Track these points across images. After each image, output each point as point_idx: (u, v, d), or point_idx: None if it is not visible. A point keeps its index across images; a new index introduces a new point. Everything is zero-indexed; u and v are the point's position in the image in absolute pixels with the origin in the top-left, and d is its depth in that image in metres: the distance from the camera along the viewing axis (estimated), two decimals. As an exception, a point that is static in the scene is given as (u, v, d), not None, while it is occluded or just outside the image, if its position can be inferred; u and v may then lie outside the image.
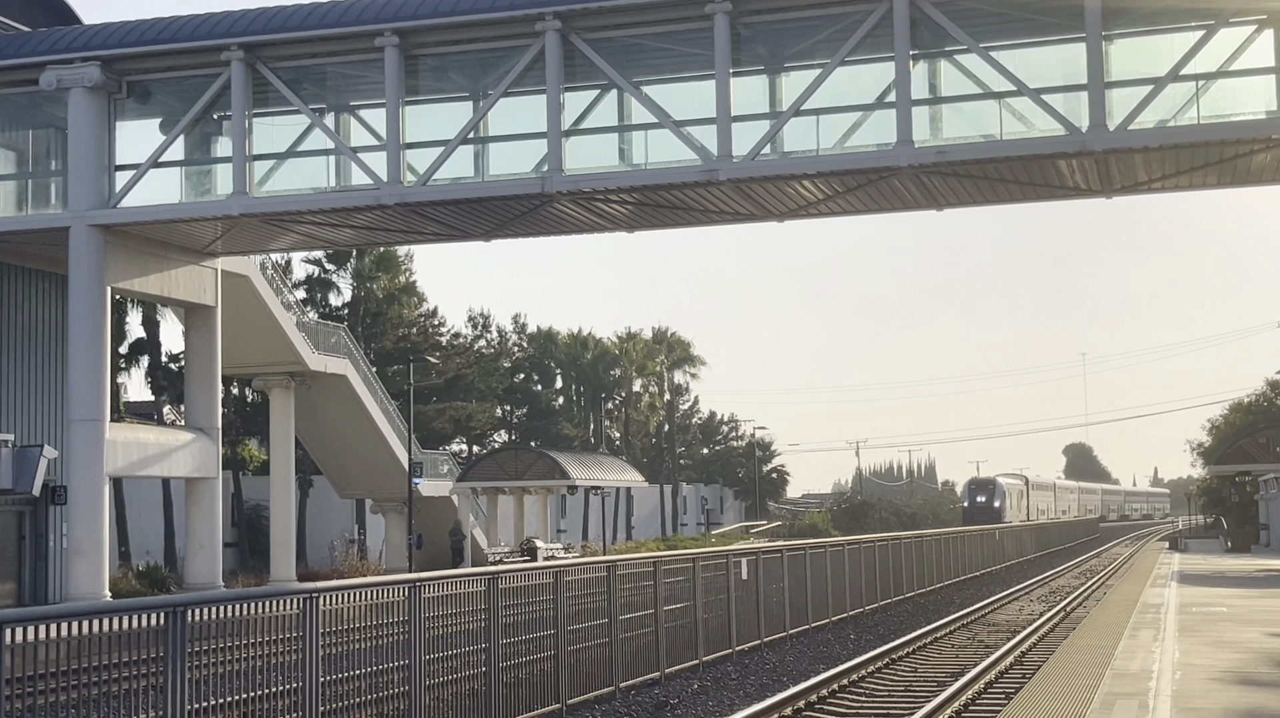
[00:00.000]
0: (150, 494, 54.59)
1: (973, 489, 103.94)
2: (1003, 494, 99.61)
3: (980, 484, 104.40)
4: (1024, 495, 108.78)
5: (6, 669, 9.70)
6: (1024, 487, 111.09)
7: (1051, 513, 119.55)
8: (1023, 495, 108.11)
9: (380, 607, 14.45)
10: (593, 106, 29.72)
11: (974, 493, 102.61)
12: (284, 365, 43.71)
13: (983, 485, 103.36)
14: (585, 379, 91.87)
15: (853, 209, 31.86)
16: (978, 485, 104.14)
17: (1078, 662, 17.36)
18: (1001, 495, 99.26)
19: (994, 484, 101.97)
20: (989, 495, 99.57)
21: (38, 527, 33.79)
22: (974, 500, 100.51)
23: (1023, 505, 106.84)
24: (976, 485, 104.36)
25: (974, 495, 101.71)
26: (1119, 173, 28.89)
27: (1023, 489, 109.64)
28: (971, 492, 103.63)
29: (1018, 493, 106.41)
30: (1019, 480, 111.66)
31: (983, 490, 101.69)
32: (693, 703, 18.85)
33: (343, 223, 32.61)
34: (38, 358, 33.94)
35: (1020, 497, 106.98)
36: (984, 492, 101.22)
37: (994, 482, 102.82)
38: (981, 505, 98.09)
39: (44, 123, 33.32)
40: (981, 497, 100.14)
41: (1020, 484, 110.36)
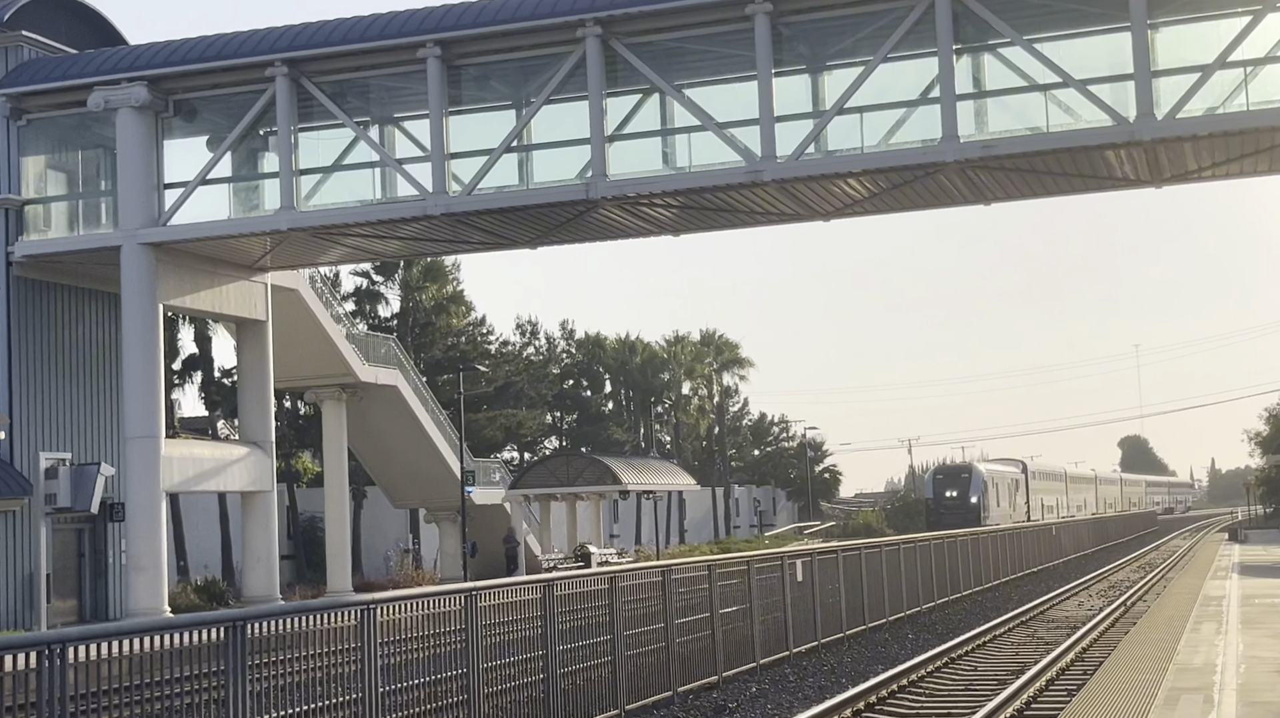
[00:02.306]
0: (206, 509, 55.00)
1: (940, 481, 78.23)
2: (981, 487, 75.78)
3: (950, 474, 78.29)
4: (1019, 488, 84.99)
5: (70, 686, 9.78)
6: (1020, 477, 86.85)
7: (1062, 510, 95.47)
8: (1018, 488, 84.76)
9: (437, 616, 14.48)
10: (635, 111, 29.73)
11: (941, 485, 77.35)
12: (335, 378, 43.93)
13: (953, 476, 77.69)
14: (634, 383, 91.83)
15: (899, 206, 31.70)
16: (946, 476, 78.25)
17: (1140, 657, 17.17)
18: (979, 488, 75.56)
19: (969, 474, 76.92)
20: (962, 489, 75.46)
21: (97, 544, 34.11)
22: (941, 496, 76.12)
23: (1018, 502, 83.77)
24: (945, 476, 78.43)
25: (941, 489, 76.94)
26: (1168, 162, 28.60)
27: (1018, 480, 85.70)
28: (938, 484, 78.10)
29: (1008, 485, 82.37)
30: (1013, 468, 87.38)
31: (953, 482, 76.46)
32: (751, 707, 18.78)
33: (390, 234, 32.76)
34: (93, 377, 34.27)
35: (1013, 490, 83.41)
36: (954, 483, 76.22)
37: (969, 470, 77.89)
38: (952, 503, 74.58)
39: (93, 143, 33.67)
40: (952, 490, 75.53)
41: (1014, 474, 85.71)
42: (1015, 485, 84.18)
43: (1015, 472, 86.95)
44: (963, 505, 73.65)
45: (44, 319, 33.04)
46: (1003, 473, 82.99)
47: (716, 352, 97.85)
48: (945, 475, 78.29)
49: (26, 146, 32.93)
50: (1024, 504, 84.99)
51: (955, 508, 73.33)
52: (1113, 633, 26.41)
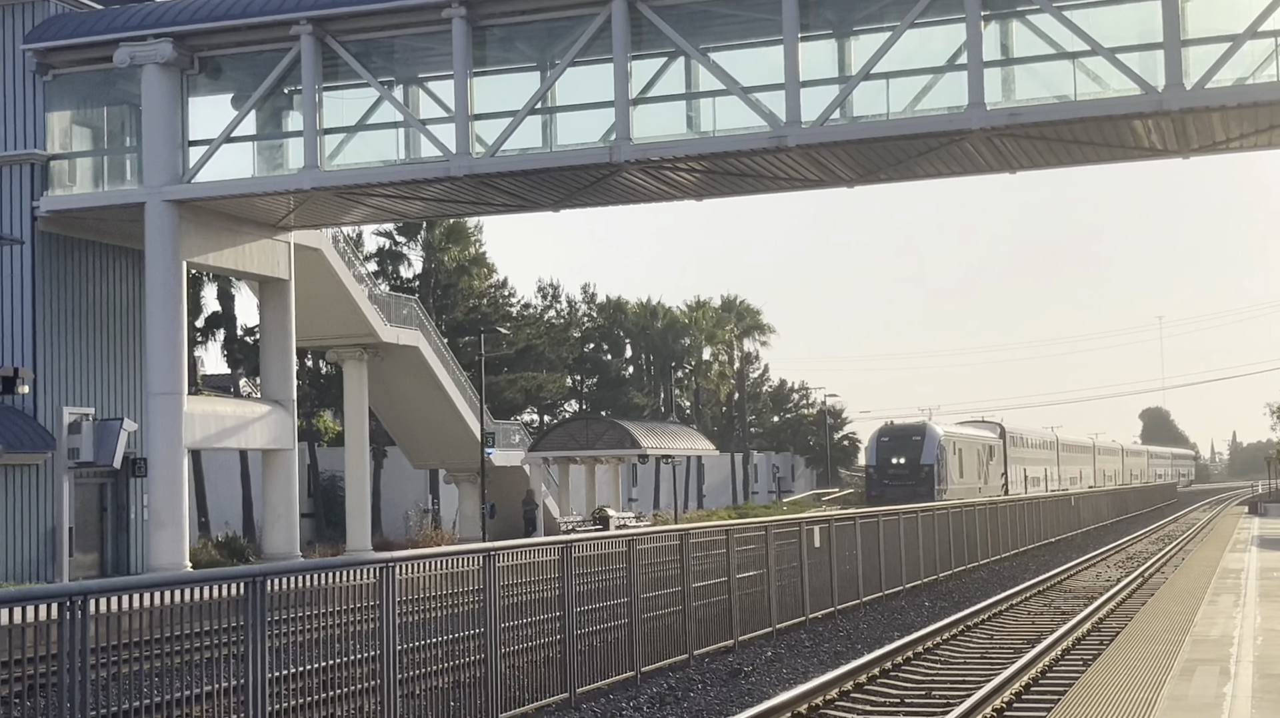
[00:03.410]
0: (228, 466, 55.31)
1: (884, 444, 64.94)
2: (936, 452, 62.98)
3: (897, 437, 64.66)
4: (993, 456, 72.18)
5: (91, 639, 9.87)
6: (995, 442, 73.55)
7: (1052, 483, 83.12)
8: (991, 456, 71.92)
9: (455, 576, 14.56)
10: (660, 74, 29.63)
11: (886, 450, 64.60)
12: (357, 338, 44.05)
13: (901, 439, 64.35)
14: (655, 348, 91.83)
15: (924, 173, 31.57)
16: (893, 438, 64.74)
17: (1157, 628, 17.17)
18: (934, 454, 62.77)
19: (922, 436, 63.63)
20: (911, 455, 62.87)
21: (119, 499, 34.36)
22: (886, 463, 63.80)
23: (992, 472, 71.04)
24: (891, 438, 64.89)
25: (886, 454, 64.32)
26: (1196, 132, 28.40)
27: (991, 446, 72.60)
28: (882, 448, 64.95)
29: (978, 452, 69.84)
30: (985, 432, 73.80)
31: (900, 446, 63.66)
32: (766, 670, 18.86)
33: (413, 195, 32.77)
34: (116, 333, 34.42)
35: (985, 458, 70.53)
36: (902, 447, 63.59)
37: (922, 431, 64.42)
38: (899, 472, 62.65)
39: (118, 100, 33.70)
40: (898, 456, 63.15)
41: (985, 439, 72.32)
42: (988, 452, 70.96)
43: (988, 436, 73.13)
44: (912, 475, 61.06)
45: (68, 275, 33.18)
46: (969, 437, 68.93)
47: (738, 317, 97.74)
48: (891, 438, 63.85)
49: (52, 102, 32.99)
50: (1000, 476, 72.01)
51: (902, 478, 60.66)
52: (1130, 604, 26.42)
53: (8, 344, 31.85)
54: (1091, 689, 12.40)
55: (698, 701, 16.42)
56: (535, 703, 15.44)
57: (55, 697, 9.78)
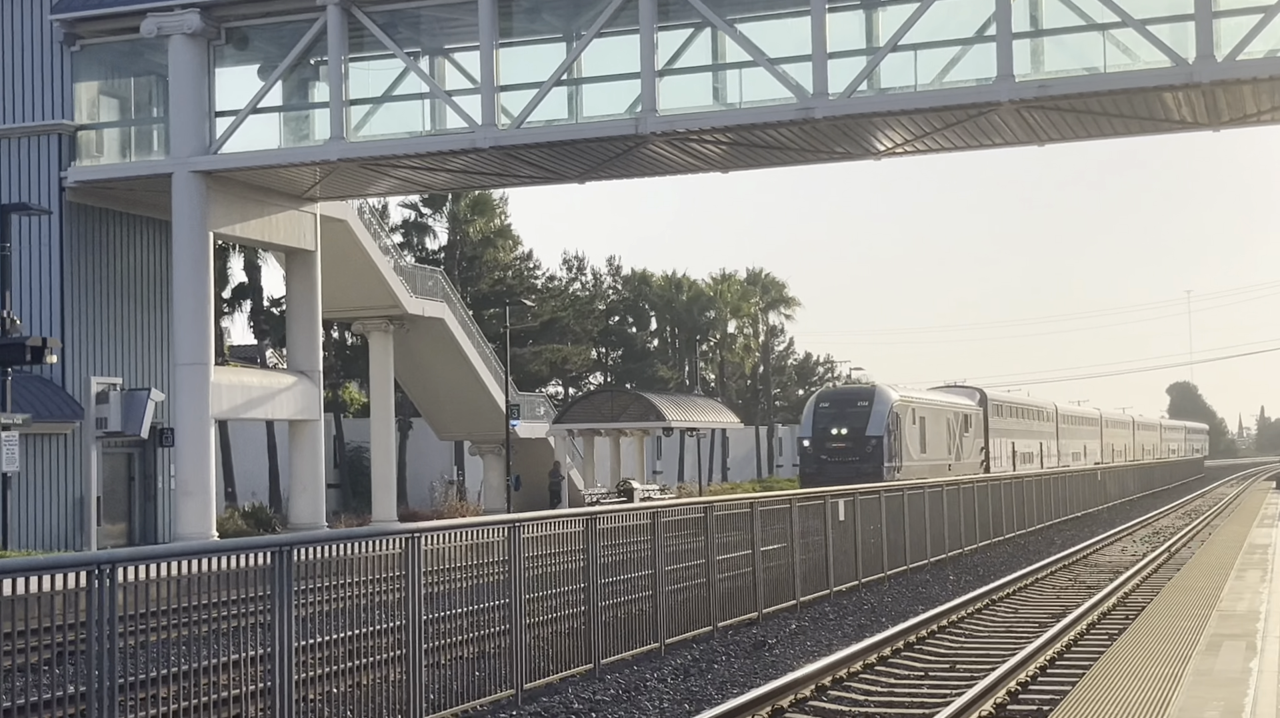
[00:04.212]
0: (255, 436, 55.57)
1: (823, 412, 52.47)
2: (887, 422, 50.98)
3: (840, 402, 52.58)
4: (968, 427, 61.03)
5: (119, 607, 9.93)
6: (973, 411, 62.13)
7: (1049, 459, 73.58)
8: (967, 427, 60.86)
9: (480, 547, 14.60)
10: (686, 46, 29.52)
11: (826, 418, 52.06)
12: (383, 309, 44.13)
13: (844, 404, 52.08)
14: (680, 321, 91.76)
15: (951, 146, 31.40)
16: (834, 404, 52.65)
17: (1182, 603, 17.12)
18: (883, 424, 50.86)
19: (869, 402, 51.60)
20: (855, 425, 50.97)
21: (146, 468, 34.57)
22: (825, 435, 51.56)
23: (968, 446, 59.91)
24: (832, 404, 52.78)
25: (825, 424, 51.89)
26: (1227, 105, 28.17)
27: (967, 415, 61.21)
28: (820, 416, 52.34)
29: (948, 422, 58.52)
30: (961, 399, 62.19)
31: (843, 413, 51.51)
32: (790, 643, 18.88)
33: (438, 166, 32.77)
34: (143, 303, 34.58)
35: (957, 429, 59.41)
36: (845, 416, 51.36)
37: (871, 395, 52.30)
38: (840, 445, 50.72)
39: (145, 70, 33.78)
40: (840, 426, 51.08)
41: (959, 407, 60.60)
42: (961, 423, 59.22)
43: (961, 403, 61.07)
44: (855, 449, 49.26)
45: (96, 245, 33.32)
46: (934, 404, 56.68)
47: (763, 290, 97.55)
48: (832, 404, 51.66)
49: (80, 72, 33.07)
50: (979, 451, 60.76)
51: (843, 453, 49.16)
52: (1156, 579, 26.35)
53: (36, 314, 32.02)
54: (1117, 663, 12.38)
55: (721, 672, 16.46)
56: (560, 674, 15.50)
57: (83, 664, 9.85)
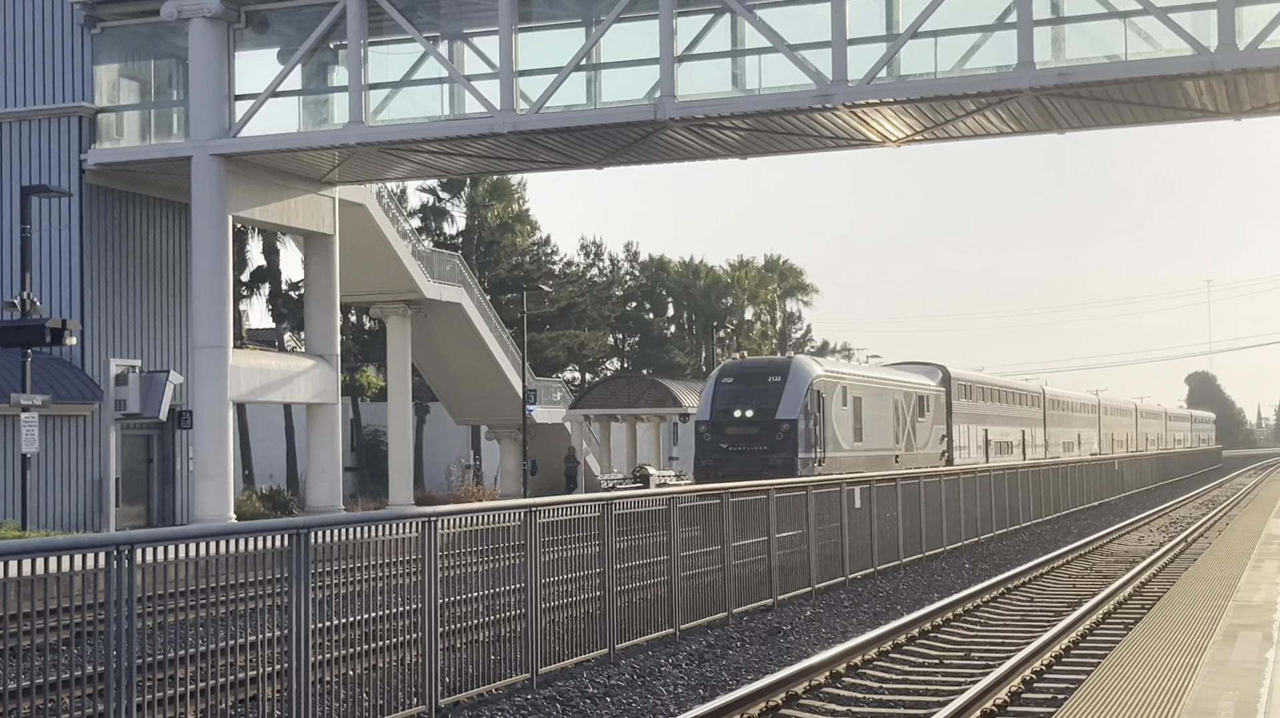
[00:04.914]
0: (272, 419, 55.77)
1: (725, 389, 41.10)
2: (805, 403, 39.92)
3: (745, 379, 41.11)
4: (923, 411, 49.39)
5: (138, 588, 9.98)
6: (931, 392, 50.66)
7: (1034, 450, 64.47)
8: (922, 411, 49.27)
9: (497, 531, 14.63)
10: (706, 31, 29.47)
11: (729, 398, 40.75)
12: (400, 293, 44.22)
13: (751, 381, 40.79)
14: (697, 307, 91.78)
15: (971, 133, 31.31)
16: (739, 380, 41.15)
17: (1199, 593, 17.09)
18: (800, 406, 39.68)
19: (782, 377, 40.44)
20: (764, 406, 39.87)
21: (165, 450, 34.71)
22: (725, 418, 40.32)
23: (915, 434, 48.14)
24: (737, 380, 41.20)
25: (728, 405, 40.53)
26: (1248, 94, 28.03)
27: (923, 397, 49.58)
28: (721, 395, 40.96)
29: (895, 404, 46.69)
30: (916, 378, 50.45)
31: (750, 392, 40.43)
32: (805, 629, 18.89)
33: (457, 151, 32.79)
34: (163, 286, 34.69)
35: (909, 414, 47.75)
36: (751, 395, 40.31)
37: (785, 370, 40.92)
38: (743, 430, 39.81)
39: (165, 53, 33.85)
40: (745, 408, 40.11)
41: (912, 386, 48.91)
42: (915, 406, 48.33)
43: (916, 383, 49.65)
44: (762, 436, 38.86)
45: (115, 227, 33.43)
46: (874, 382, 45.63)
47: (780, 277, 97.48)
48: (737, 379, 40.65)
49: (100, 55, 33.15)
50: (940, 440, 50.95)
51: (748, 441, 38.94)
52: (1172, 568, 26.28)
53: (56, 296, 32.15)
54: (1132, 653, 12.37)
55: (736, 658, 16.49)
56: (575, 658, 15.54)
57: (102, 644, 9.91)
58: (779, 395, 40.14)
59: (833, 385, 42.31)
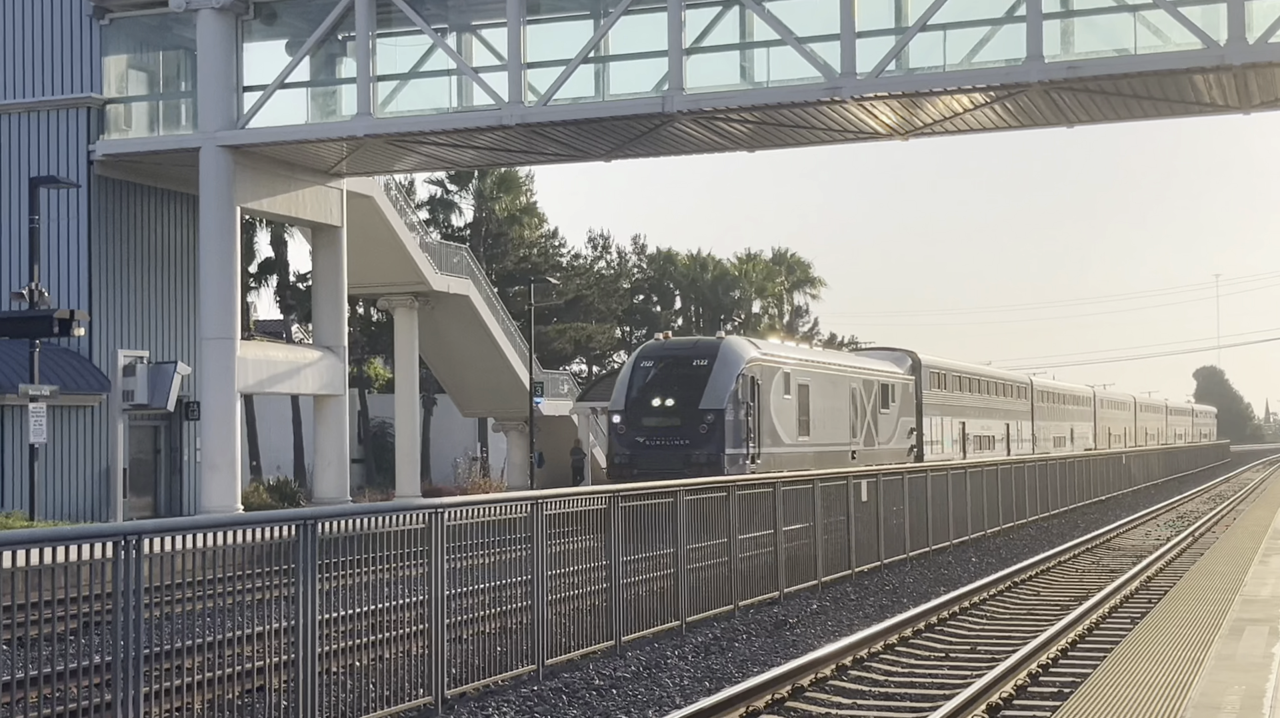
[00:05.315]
0: (280, 411, 55.83)
1: (644, 373, 35.26)
2: (734, 391, 34.11)
3: (668, 362, 35.32)
4: (887, 402, 44.58)
5: (145, 578, 10.01)
6: (898, 381, 46.13)
7: (1020, 446, 60.04)
8: (885, 402, 44.43)
9: (503, 523, 14.65)
10: (714, 24, 29.44)
11: (646, 384, 34.95)
12: (408, 285, 44.24)
13: (675, 365, 35.07)
14: (704, 300, 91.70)
15: (979, 127, 31.26)
16: (661, 365, 35.24)
17: (1206, 587, 17.08)
18: (728, 395, 33.95)
19: (709, 360, 34.54)
20: (688, 393, 34.18)
21: (172, 441, 34.77)
22: (643, 408, 34.59)
23: (878, 427, 43.52)
24: (657, 365, 35.33)
25: (646, 393, 34.81)
26: (1258, 88, 27.96)
27: (887, 385, 44.81)
28: (638, 380, 35.10)
29: (852, 393, 41.89)
30: (878, 364, 45.79)
31: (672, 378, 34.72)
32: (811, 622, 18.91)
33: (465, 143, 32.78)
34: (170, 277, 34.74)
35: (869, 404, 42.86)
36: (673, 381, 34.61)
37: (711, 354, 34.83)
38: (662, 422, 34.07)
39: (174, 44, 33.88)
40: (665, 396, 34.41)
41: (873, 374, 44.15)
42: (878, 396, 43.76)
43: (881, 370, 45.34)
44: (684, 430, 33.62)
45: (123, 218, 33.47)
46: (825, 369, 40.80)
47: (788, 270, 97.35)
48: (657, 363, 35.29)
49: (109, 46, 33.17)
50: (908, 434, 46.51)
51: (667, 434, 33.65)
52: (1179, 563, 26.27)
53: (64, 287, 32.20)
54: (1138, 647, 12.37)
55: (742, 650, 16.50)
56: (581, 650, 15.56)
57: (109, 634, 9.94)
58: (704, 382, 34.57)
59: (772, 371, 36.68)
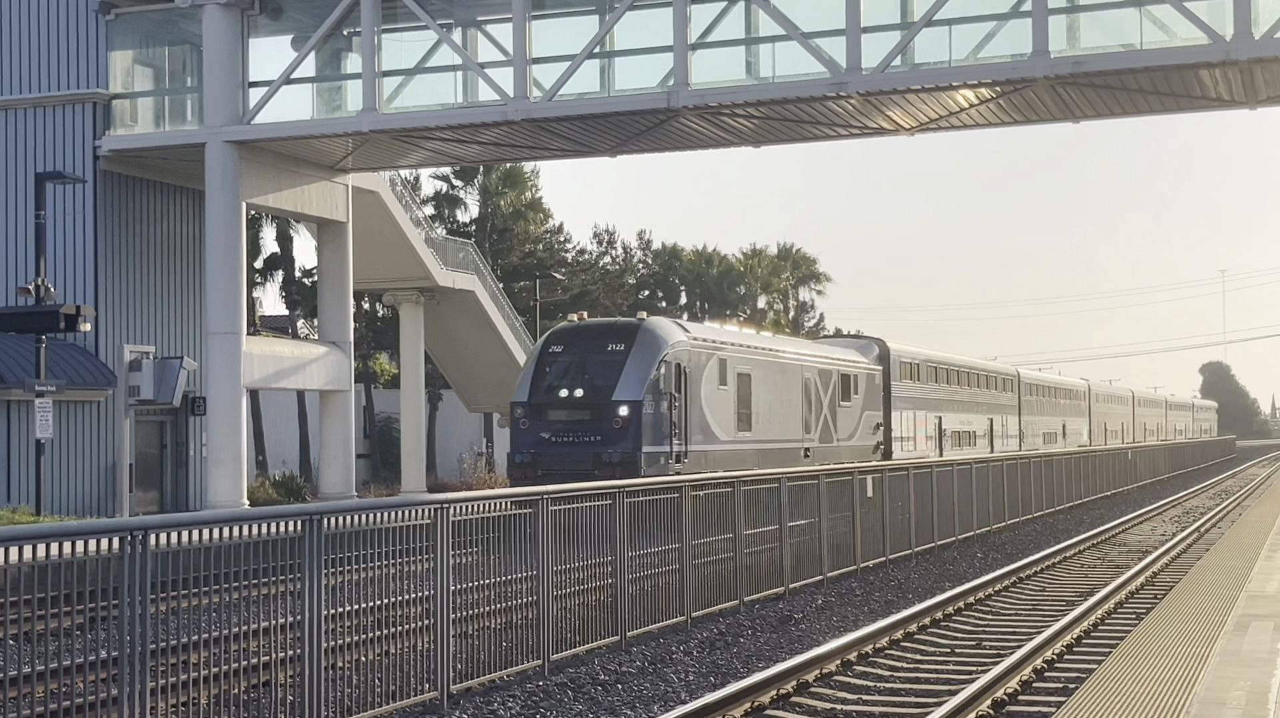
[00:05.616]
0: (286, 406, 55.86)
1: (550, 359, 31.49)
2: (656, 379, 30.25)
3: (579, 346, 31.38)
4: (849, 394, 41.60)
5: (150, 573, 10.02)
6: (863, 372, 43.10)
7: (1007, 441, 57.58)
8: (847, 393, 41.57)
9: (509, 518, 14.67)
10: (720, 19, 29.42)
11: (553, 372, 31.24)
12: (413, 281, 44.24)
13: (586, 351, 31.13)
14: (710, 296, 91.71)
15: (985, 122, 31.23)
16: (572, 350, 31.38)
17: (1211, 583, 17.08)
18: (644, 383, 30.04)
19: (626, 346, 30.55)
20: (599, 383, 30.42)
21: (178, 436, 34.82)
22: (548, 399, 30.87)
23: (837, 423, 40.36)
24: (567, 350, 31.45)
25: (551, 382, 31.15)
26: (1264, 83, 27.92)
27: (850, 376, 41.78)
28: (544, 367, 31.45)
29: (806, 385, 38.34)
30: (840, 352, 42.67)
31: (585, 365, 30.89)
32: (817, 618, 18.92)
33: (470, 139, 32.78)
34: (176, 272, 34.77)
35: (826, 397, 39.68)
36: (586, 369, 30.85)
37: (629, 338, 30.80)
38: (569, 417, 30.49)
39: (179, 40, 33.90)
40: (573, 386, 30.71)
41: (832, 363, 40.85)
42: (837, 386, 40.50)
43: (842, 358, 42.03)
44: (595, 424, 30.21)
45: (129, 213, 33.50)
46: (772, 356, 37.01)
47: (793, 266, 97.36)
48: (568, 348, 31.68)
49: (114, 41, 33.19)
50: (872, 429, 43.30)
51: (575, 430, 30.39)
52: (1184, 559, 26.26)
53: (70, 282, 32.23)
54: (1144, 642, 12.37)
55: (748, 646, 16.52)
56: (586, 645, 15.58)
57: (115, 630, 9.96)
58: (619, 370, 30.43)
59: (704, 358, 32.79)
